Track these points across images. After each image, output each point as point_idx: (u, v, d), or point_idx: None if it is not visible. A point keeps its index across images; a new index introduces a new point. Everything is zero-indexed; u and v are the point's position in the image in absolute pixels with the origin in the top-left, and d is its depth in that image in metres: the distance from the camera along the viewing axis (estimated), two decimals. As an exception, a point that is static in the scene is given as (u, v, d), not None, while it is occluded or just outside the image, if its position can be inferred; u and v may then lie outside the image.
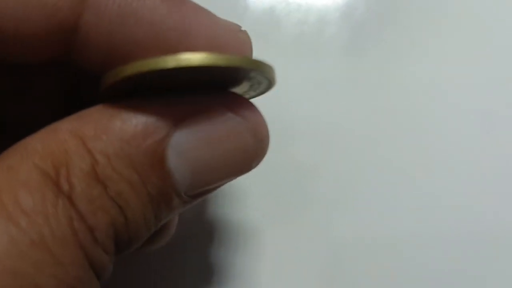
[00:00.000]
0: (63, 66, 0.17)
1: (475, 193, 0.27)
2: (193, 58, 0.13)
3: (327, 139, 0.28)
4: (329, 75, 0.29)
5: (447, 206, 0.27)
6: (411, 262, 0.26)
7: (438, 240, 0.26)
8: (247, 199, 0.26)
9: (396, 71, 0.29)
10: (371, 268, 0.26)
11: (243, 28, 0.18)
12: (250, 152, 0.15)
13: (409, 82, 0.29)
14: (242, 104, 0.15)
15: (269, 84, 0.16)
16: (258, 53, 0.29)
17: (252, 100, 0.17)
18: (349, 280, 0.26)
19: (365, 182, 0.27)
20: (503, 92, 0.29)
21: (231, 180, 0.16)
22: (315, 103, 0.29)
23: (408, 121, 0.28)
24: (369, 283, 0.26)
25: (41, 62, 0.17)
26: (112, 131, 0.13)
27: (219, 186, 0.16)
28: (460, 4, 0.30)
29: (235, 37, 0.18)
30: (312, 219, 0.27)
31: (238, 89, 0.17)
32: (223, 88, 0.16)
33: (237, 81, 0.16)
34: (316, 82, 0.29)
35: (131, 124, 0.14)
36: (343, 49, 0.30)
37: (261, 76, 0.15)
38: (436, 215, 0.27)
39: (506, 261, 0.26)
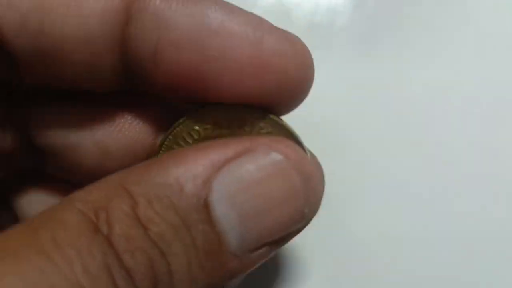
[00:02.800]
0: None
1: (490, 192, 0.27)
2: None
3: (338, 133, 0.28)
4: (341, 67, 0.29)
5: (456, 206, 0.27)
6: (418, 259, 0.26)
7: (446, 239, 0.26)
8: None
9: (409, 63, 0.29)
10: (380, 266, 0.26)
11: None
12: (299, 193, 0.15)
13: (421, 74, 0.28)
14: (284, 143, 0.15)
15: None
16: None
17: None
18: (362, 276, 0.26)
19: (378, 179, 0.27)
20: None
21: (287, 233, 0.15)
22: (326, 96, 0.28)
23: (421, 114, 0.28)
24: (379, 281, 0.26)
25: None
26: (152, 176, 0.13)
27: (276, 244, 0.15)
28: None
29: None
30: (324, 217, 0.26)
31: None
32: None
33: None
34: (328, 74, 0.28)
35: (171, 169, 0.14)
36: (355, 40, 0.29)
37: None
38: (447, 214, 0.26)
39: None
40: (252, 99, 0.16)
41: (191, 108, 0.17)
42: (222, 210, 0.14)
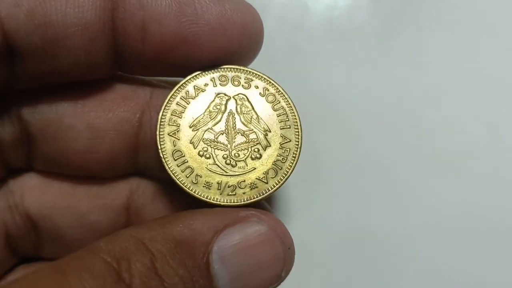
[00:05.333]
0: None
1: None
2: None
3: (355, 126, 0.28)
4: (359, 61, 0.28)
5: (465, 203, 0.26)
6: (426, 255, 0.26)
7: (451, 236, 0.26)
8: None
9: (426, 58, 0.28)
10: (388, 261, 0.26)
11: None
12: (280, 259, 0.17)
13: (439, 69, 0.28)
14: (269, 216, 0.18)
15: None
16: (286, 39, 0.29)
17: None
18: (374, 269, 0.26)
19: (397, 169, 0.27)
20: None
21: None
22: (346, 91, 0.28)
23: (442, 108, 0.27)
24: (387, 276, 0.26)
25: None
26: (166, 235, 0.16)
27: None
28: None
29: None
30: (333, 209, 0.26)
31: None
32: None
33: None
34: (346, 68, 0.28)
35: (182, 230, 0.16)
36: (373, 35, 0.29)
37: None
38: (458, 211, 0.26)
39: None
40: (223, 53, 0.19)
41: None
42: (218, 268, 0.16)
